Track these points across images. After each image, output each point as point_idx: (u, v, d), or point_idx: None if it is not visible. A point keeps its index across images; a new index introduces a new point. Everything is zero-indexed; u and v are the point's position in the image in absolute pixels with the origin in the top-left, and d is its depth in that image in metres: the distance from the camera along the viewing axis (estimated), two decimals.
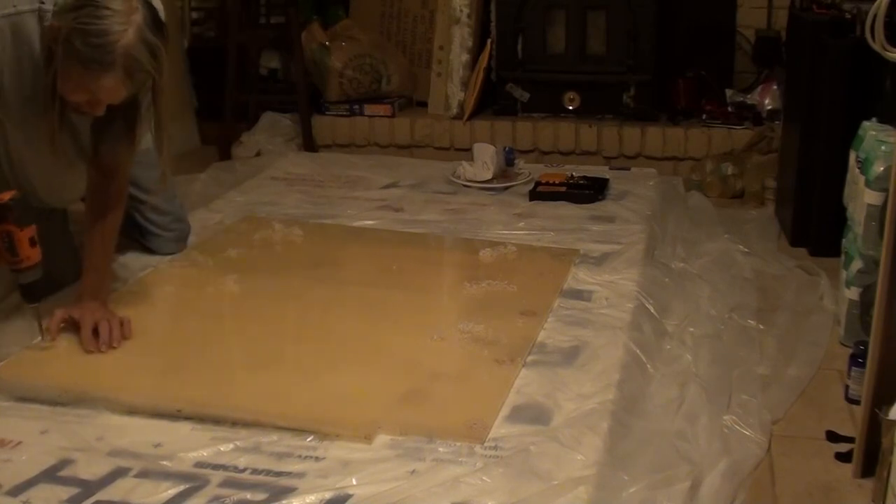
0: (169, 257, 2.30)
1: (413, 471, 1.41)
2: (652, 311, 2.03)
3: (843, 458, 1.59)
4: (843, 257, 2.09)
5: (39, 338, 1.79)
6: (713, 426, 1.60)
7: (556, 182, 2.87)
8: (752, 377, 1.81)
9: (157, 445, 1.48)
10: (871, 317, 1.52)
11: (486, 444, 1.47)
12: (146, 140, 1.86)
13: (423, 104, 3.68)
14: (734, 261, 2.42)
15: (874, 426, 1.48)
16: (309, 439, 1.50)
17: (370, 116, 3.60)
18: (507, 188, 2.92)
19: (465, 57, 3.50)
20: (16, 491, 1.36)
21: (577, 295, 2.10)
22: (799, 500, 1.49)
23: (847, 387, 1.79)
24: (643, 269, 2.24)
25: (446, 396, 1.63)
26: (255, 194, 2.90)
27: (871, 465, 1.50)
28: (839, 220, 2.14)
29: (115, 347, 1.78)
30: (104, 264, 1.92)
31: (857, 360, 1.74)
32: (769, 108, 3.39)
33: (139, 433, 1.52)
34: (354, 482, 1.38)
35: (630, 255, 2.33)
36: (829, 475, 1.55)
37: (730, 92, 3.45)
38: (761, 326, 2.05)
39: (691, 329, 1.96)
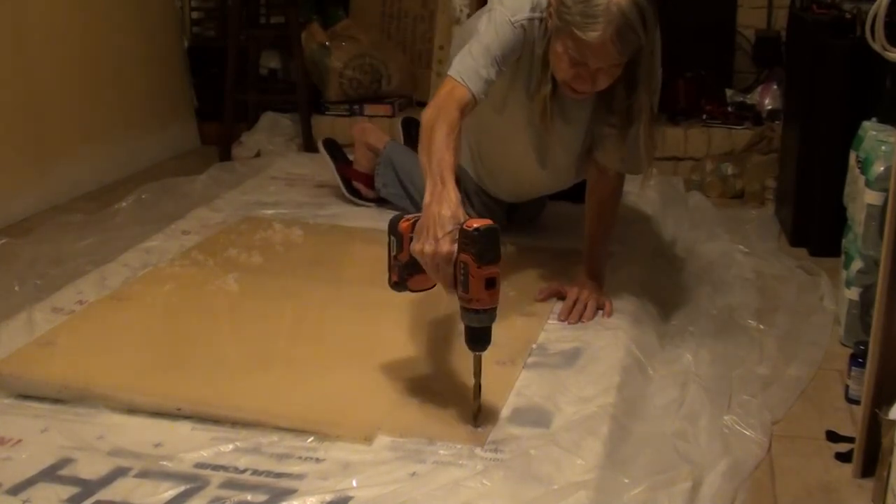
0: (169, 257, 2.30)
1: (413, 473, 1.40)
2: (652, 311, 2.03)
3: (843, 458, 1.58)
4: (843, 257, 2.08)
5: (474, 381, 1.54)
6: (713, 426, 1.60)
7: None
8: (752, 377, 1.81)
9: (158, 445, 1.48)
10: (871, 317, 1.52)
11: (486, 447, 1.47)
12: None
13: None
14: (734, 261, 2.42)
15: (874, 426, 1.48)
16: (309, 440, 1.49)
17: (370, 116, 3.59)
18: None
19: None
20: (15, 490, 1.36)
21: None
22: (799, 500, 1.48)
23: (847, 387, 1.79)
24: (643, 269, 2.24)
25: (447, 398, 1.63)
26: (256, 194, 2.90)
27: (871, 465, 1.50)
28: (839, 220, 2.14)
29: (583, 322, 1.91)
30: (599, 253, 2.04)
31: (857, 360, 1.74)
32: (769, 108, 3.39)
33: (139, 433, 1.52)
34: (355, 484, 1.38)
35: (630, 255, 2.33)
36: (829, 475, 1.55)
37: (730, 92, 3.45)
38: (761, 326, 2.05)
39: (691, 329, 1.96)
